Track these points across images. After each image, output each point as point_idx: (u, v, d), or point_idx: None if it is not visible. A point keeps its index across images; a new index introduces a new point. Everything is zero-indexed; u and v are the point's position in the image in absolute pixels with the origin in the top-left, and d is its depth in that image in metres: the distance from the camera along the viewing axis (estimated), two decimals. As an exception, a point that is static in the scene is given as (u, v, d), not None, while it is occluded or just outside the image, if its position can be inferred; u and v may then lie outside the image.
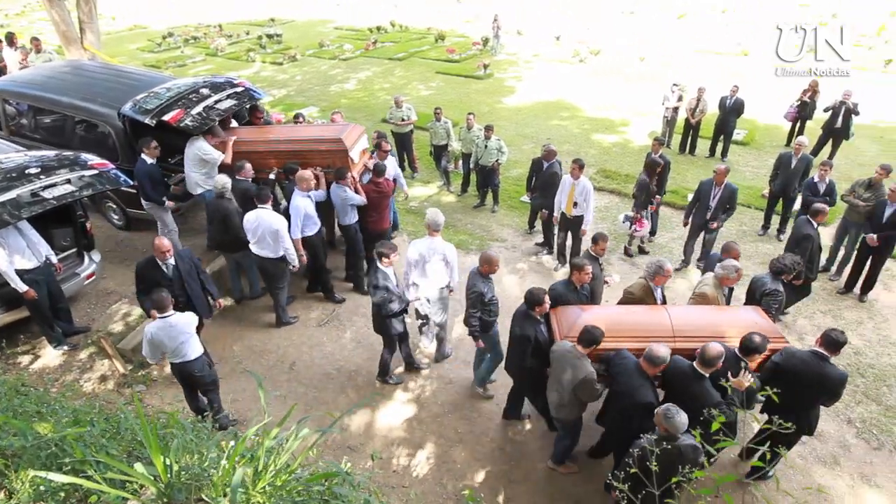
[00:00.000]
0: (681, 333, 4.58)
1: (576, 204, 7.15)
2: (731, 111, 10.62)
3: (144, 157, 6.96)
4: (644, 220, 7.74)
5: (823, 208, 6.37)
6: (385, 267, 5.38)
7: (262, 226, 6.14)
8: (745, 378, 3.99)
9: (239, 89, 8.10)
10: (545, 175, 7.72)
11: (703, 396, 4.02)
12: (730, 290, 5.53)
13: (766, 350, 4.25)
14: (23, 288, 5.62)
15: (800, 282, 6.15)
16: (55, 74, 8.80)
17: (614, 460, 4.61)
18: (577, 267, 5.05)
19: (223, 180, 6.57)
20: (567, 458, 5.03)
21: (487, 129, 8.74)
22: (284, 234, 6.20)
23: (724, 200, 7.20)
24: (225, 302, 6.38)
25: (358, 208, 6.94)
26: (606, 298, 6.22)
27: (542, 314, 4.78)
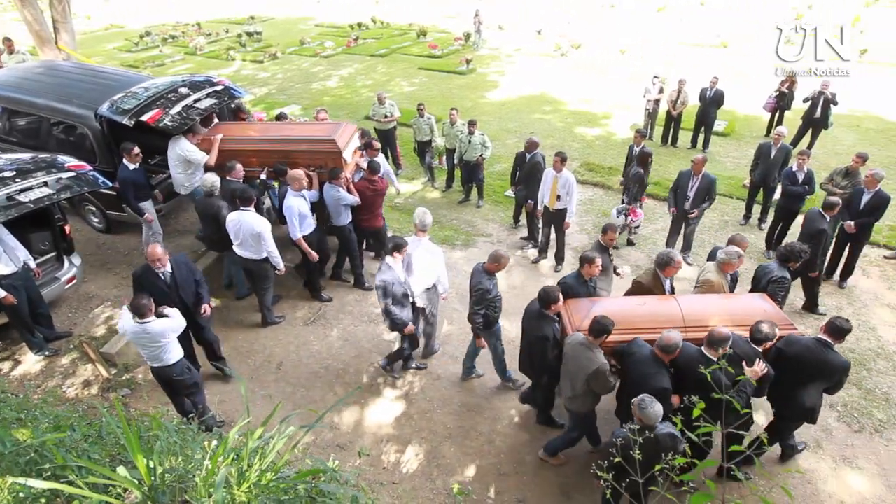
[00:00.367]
0: (692, 322, 4.62)
1: (559, 197, 7.18)
2: (711, 102, 10.72)
3: (126, 164, 6.87)
4: (638, 210, 7.81)
5: (837, 201, 6.42)
6: (393, 261, 5.34)
7: (244, 228, 6.07)
8: (760, 367, 4.08)
9: (219, 88, 8.02)
10: (528, 166, 7.75)
11: (714, 381, 4.05)
12: (734, 280, 5.56)
13: (775, 338, 4.30)
14: (0, 294, 5.52)
15: (815, 274, 6.31)
16: (29, 75, 8.65)
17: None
18: (588, 260, 5.05)
19: (212, 179, 6.51)
20: (561, 451, 5.05)
21: (471, 124, 8.74)
22: (267, 237, 6.12)
23: (702, 190, 7.28)
24: (216, 301, 6.31)
25: (351, 206, 6.92)
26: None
27: (556, 312, 4.76)
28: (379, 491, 4.77)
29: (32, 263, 6.05)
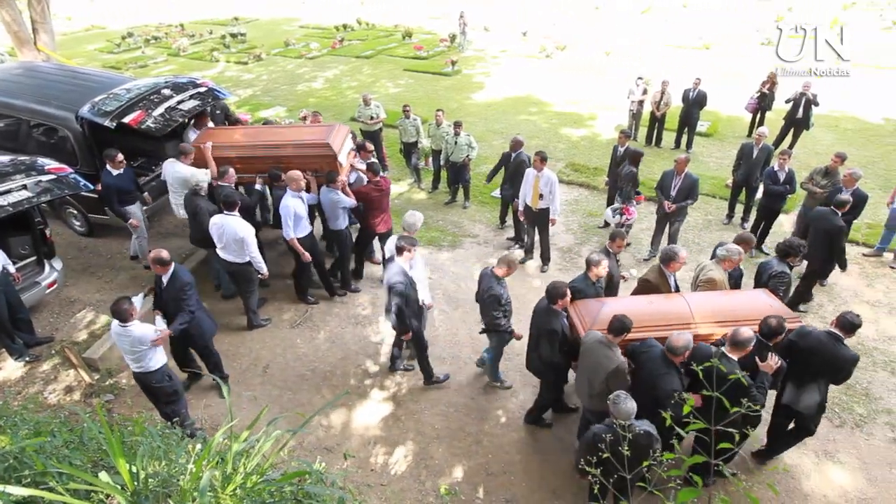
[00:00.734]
0: (701, 319, 4.67)
1: (541, 196, 7.22)
2: (694, 103, 10.85)
3: (110, 170, 6.78)
4: (632, 209, 7.87)
5: (848, 199, 6.52)
6: (402, 261, 5.30)
7: (227, 232, 6.00)
8: (773, 361, 4.16)
9: (202, 89, 7.96)
10: (513, 165, 7.78)
11: (736, 382, 4.10)
12: (740, 277, 5.64)
13: (785, 331, 4.36)
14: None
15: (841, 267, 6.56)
16: (8, 77, 8.51)
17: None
18: (593, 262, 5.08)
19: (199, 177, 6.45)
20: None
21: (457, 125, 8.75)
22: (250, 242, 6.05)
23: (683, 190, 7.36)
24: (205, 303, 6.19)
25: (363, 210, 6.92)
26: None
27: (563, 308, 4.78)
28: (367, 493, 4.76)
29: (12, 268, 5.95)
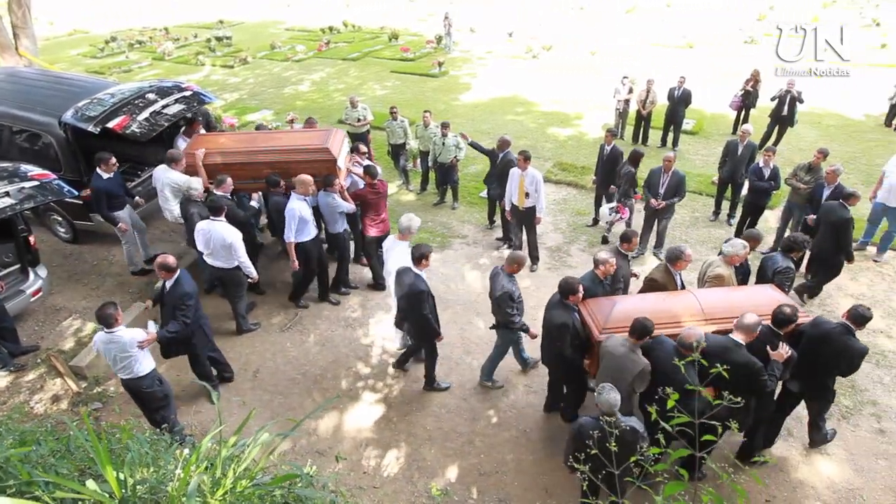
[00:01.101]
0: (712, 315, 4.72)
1: (527, 195, 7.25)
2: (679, 102, 10.94)
3: (100, 173, 6.73)
4: (625, 208, 7.93)
5: (856, 192, 6.65)
6: (420, 269, 5.28)
7: (215, 238, 5.95)
8: (784, 350, 4.26)
9: (187, 93, 7.89)
10: (501, 165, 7.80)
11: (747, 364, 4.17)
12: (747, 273, 5.71)
13: (797, 321, 4.44)
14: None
15: (851, 260, 6.71)
16: (-11, 83, 8.40)
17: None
18: (600, 261, 5.10)
19: (192, 184, 6.40)
20: None
21: (444, 126, 8.76)
22: (238, 247, 6.00)
23: (671, 187, 7.43)
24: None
25: (362, 214, 6.89)
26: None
27: (575, 303, 4.80)
28: (359, 495, 4.75)
29: (-5, 277, 5.88)
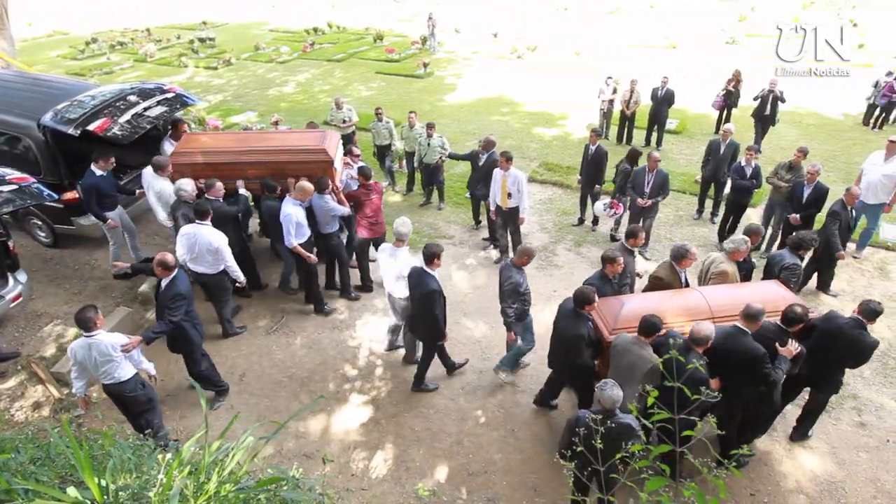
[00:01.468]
0: (719, 312, 4.76)
1: (510, 195, 7.28)
2: (662, 102, 11.05)
3: (94, 170, 6.67)
4: (619, 204, 7.98)
5: (859, 190, 6.83)
6: (432, 269, 5.30)
7: (200, 242, 5.87)
8: (793, 346, 4.35)
9: (170, 95, 7.81)
10: (486, 165, 7.82)
11: (748, 350, 4.26)
12: (751, 269, 5.79)
13: (806, 320, 4.52)
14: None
15: (840, 254, 6.81)
16: (-35, 85, 8.24)
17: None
18: (610, 259, 5.12)
19: (182, 185, 6.31)
20: None
21: (429, 126, 8.76)
22: (224, 251, 5.94)
23: (657, 185, 7.51)
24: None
25: (355, 214, 6.87)
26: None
27: (590, 312, 4.79)
28: (347, 497, 4.73)
29: (-27, 282, 5.77)
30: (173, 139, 7.59)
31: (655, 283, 5.43)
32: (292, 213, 6.26)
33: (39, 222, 7.86)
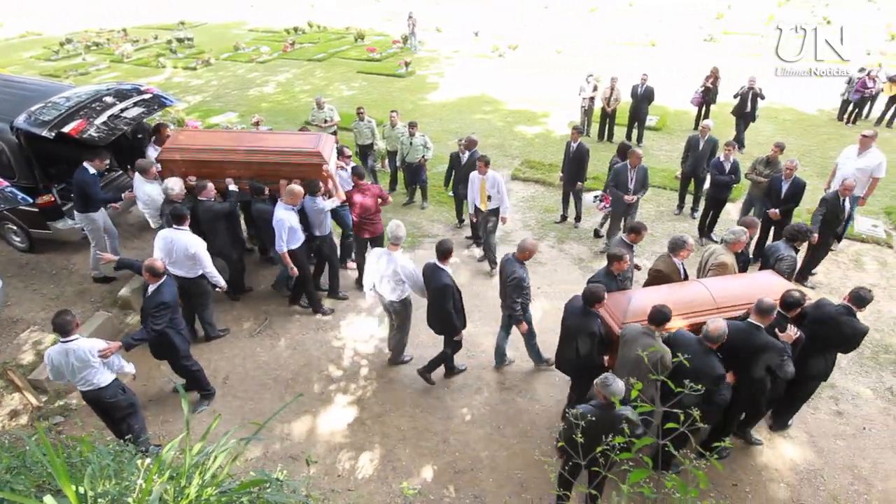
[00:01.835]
0: (723, 304, 4.81)
1: (489, 198, 7.30)
2: (642, 99, 11.15)
3: (87, 167, 6.59)
4: (610, 198, 8.01)
5: (853, 183, 6.93)
6: (446, 264, 5.35)
7: (177, 248, 5.78)
8: (793, 331, 4.40)
9: (147, 96, 7.70)
10: (468, 164, 7.83)
11: (768, 345, 4.30)
12: (747, 260, 5.84)
13: (803, 303, 4.60)
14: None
15: (815, 237, 6.79)
16: (-66, 88, 8.05)
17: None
18: (616, 257, 5.14)
19: (168, 184, 6.22)
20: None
21: (411, 125, 8.75)
22: (202, 256, 5.84)
23: (640, 181, 7.58)
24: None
25: (351, 213, 6.85)
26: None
27: (599, 309, 4.80)
28: (333, 499, 4.70)
29: (-54, 289, 5.63)
30: (157, 144, 7.46)
31: (656, 276, 5.47)
32: (285, 218, 6.17)
33: (14, 227, 7.69)
